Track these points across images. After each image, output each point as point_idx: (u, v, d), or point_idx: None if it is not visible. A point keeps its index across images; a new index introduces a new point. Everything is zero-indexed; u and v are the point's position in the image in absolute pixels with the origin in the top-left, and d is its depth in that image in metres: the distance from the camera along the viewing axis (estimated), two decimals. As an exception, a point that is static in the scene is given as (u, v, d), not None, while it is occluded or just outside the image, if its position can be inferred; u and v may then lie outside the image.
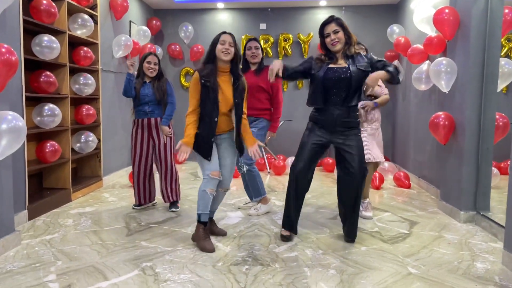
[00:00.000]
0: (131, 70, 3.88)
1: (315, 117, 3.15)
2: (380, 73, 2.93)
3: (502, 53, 4.64)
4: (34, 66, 4.04)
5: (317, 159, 3.16)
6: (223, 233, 3.30)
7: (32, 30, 3.96)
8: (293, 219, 3.18)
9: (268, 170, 6.11)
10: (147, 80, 3.94)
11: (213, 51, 3.03)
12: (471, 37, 3.56)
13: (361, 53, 3.09)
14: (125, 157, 5.88)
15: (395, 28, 6.02)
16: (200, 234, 3.03)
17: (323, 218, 3.78)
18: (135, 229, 3.47)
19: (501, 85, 3.68)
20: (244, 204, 4.16)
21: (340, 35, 3.03)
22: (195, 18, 6.95)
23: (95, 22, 4.83)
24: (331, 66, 3.06)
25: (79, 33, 4.52)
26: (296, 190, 3.12)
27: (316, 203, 4.31)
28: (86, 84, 4.56)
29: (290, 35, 6.75)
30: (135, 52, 5.74)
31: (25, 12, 3.67)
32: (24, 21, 3.60)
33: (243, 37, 6.83)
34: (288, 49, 6.75)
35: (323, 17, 6.79)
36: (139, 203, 4.07)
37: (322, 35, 3.10)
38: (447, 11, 3.79)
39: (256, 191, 3.89)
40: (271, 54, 6.78)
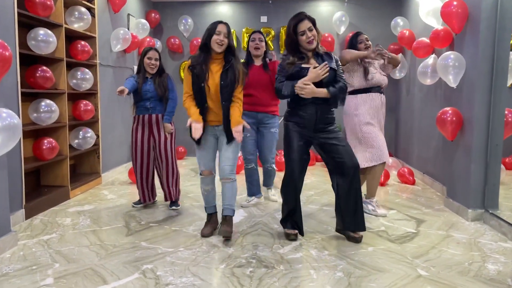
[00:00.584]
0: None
1: (295, 118, 3.04)
2: (322, 91, 2.92)
3: None
4: (30, 60, 3.92)
5: (307, 157, 3.11)
6: (226, 233, 3.18)
7: (27, 24, 3.84)
8: (299, 220, 3.12)
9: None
10: (148, 76, 3.83)
11: (208, 40, 3.02)
12: (480, 30, 3.45)
13: (328, 52, 3.10)
14: (124, 153, 5.78)
15: (399, 20, 5.90)
16: (206, 223, 3.32)
17: (327, 216, 3.69)
18: (135, 228, 3.38)
19: (511, 79, 3.59)
20: (248, 202, 4.11)
21: (314, 32, 2.98)
22: (195, 10, 6.82)
23: (93, 15, 4.70)
24: (304, 66, 2.99)
25: (76, 26, 4.40)
26: (295, 194, 3.08)
27: (320, 201, 4.22)
28: (83, 79, 4.45)
29: (292, 28, 6.61)
30: (133, 46, 5.62)
31: (20, 5, 3.54)
32: (19, 14, 3.48)
33: (243, 30, 6.70)
34: (290, 43, 6.62)
35: (325, 10, 6.61)
36: (144, 201, 3.98)
37: (295, 33, 2.96)
38: (455, 3, 3.67)
39: (271, 181, 4.26)
40: (272, 47, 6.66)
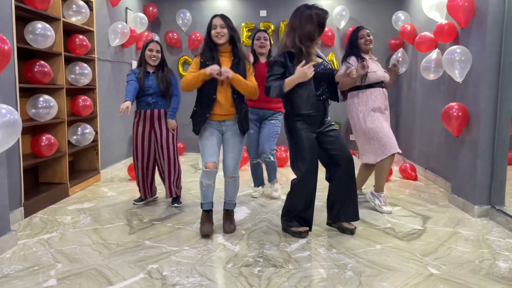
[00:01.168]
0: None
1: (303, 116, 2.99)
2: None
3: None
4: (28, 55, 3.83)
5: (317, 152, 3.08)
6: (229, 231, 3.16)
7: (24, 17, 3.74)
8: (310, 216, 3.09)
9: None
10: (150, 70, 3.74)
11: (208, 36, 3.08)
12: (487, 24, 3.40)
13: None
14: (123, 149, 5.69)
15: (401, 15, 5.84)
16: (202, 219, 3.20)
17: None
18: (138, 226, 3.31)
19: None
20: (256, 192, 4.21)
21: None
22: (193, 4, 6.71)
23: (90, 8, 4.60)
24: (314, 63, 2.98)
25: (74, 20, 4.30)
26: (313, 190, 3.05)
27: (323, 197, 4.15)
28: (82, 74, 4.36)
29: (292, 23, 6.53)
30: (132, 41, 5.52)
31: (17, -3, 3.45)
32: (16, 7, 3.38)
33: (243, 24, 6.61)
34: (290, 37, 6.54)
35: (326, 4, 6.59)
36: (144, 197, 3.91)
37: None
38: (462, -3, 3.62)
39: (273, 175, 4.18)
40: (272, 42, 6.56)
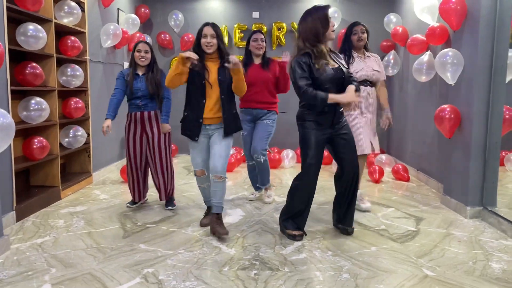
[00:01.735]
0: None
1: (312, 116, 3.00)
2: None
3: None
4: (19, 57, 3.78)
5: (322, 154, 3.09)
6: (223, 233, 3.12)
7: (15, 18, 3.69)
8: (305, 218, 3.12)
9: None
10: (139, 72, 3.72)
11: (198, 44, 3.12)
12: (479, 27, 3.44)
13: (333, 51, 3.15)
14: (115, 151, 5.65)
15: (392, 17, 5.88)
16: (204, 213, 3.52)
17: (327, 215, 3.64)
18: (132, 230, 3.29)
19: (508, 77, 3.58)
20: (252, 195, 4.21)
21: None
22: (186, 6, 6.69)
23: (82, 9, 4.56)
24: (330, 66, 2.96)
25: (66, 21, 4.26)
26: (312, 191, 3.06)
27: (317, 199, 4.17)
28: (74, 75, 4.32)
29: (284, 24, 6.55)
30: (124, 42, 5.48)
31: (8, -2, 3.41)
32: (8, 8, 3.34)
33: (235, 25, 6.60)
34: (282, 39, 6.56)
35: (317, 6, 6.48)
36: (138, 200, 3.88)
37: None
38: (454, 0, 3.65)
39: (266, 179, 4.06)
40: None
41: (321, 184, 4.85)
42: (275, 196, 4.24)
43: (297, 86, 2.92)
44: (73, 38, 4.33)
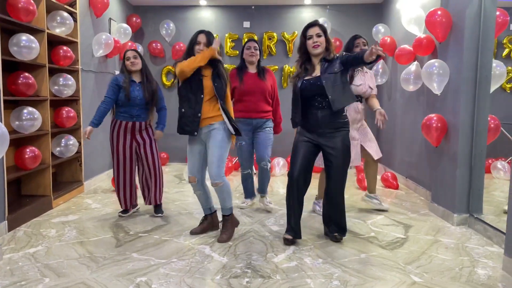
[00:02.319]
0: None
1: (302, 122, 3.19)
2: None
3: (503, 54, 4.68)
4: (11, 67, 3.80)
5: (312, 160, 3.18)
6: (221, 240, 3.21)
7: (7, 29, 3.72)
8: (296, 224, 3.17)
9: (254, 171, 6.00)
10: (136, 79, 3.76)
11: (191, 50, 3.22)
12: (464, 39, 3.54)
13: (337, 55, 3.18)
14: (106, 160, 5.66)
15: (380, 27, 6.00)
16: (200, 222, 3.51)
17: (317, 222, 3.71)
18: (124, 239, 3.31)
19: (493, 87, 3.69)
20: (244, 203, 4.24)
21: (322, 40, 3.10)
22: (177, 15, 6.76)
23: (75, 20, 4.60)
24: (306, 78, 3.12)
25: (58, 31, 4.29)
26: (297, 196, 3.12)
27: (308, 207, 4.22)
28: (66, 85, 4.35)
29: (275, 34, 6.64)
30: (115, 51, 5.52)
31: (1, 9, 3.43)
32: (1, 19, 3.37)
33: (226, 35, 6.68)
34: (273, 48, 6.65)
35: (307, 16, 6.70)
36: (126, 208, 3.90)
37: (304, 36, 3.14)
38: (439, 13, 3.76)
39: (266, 186, 4.14)
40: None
41: (311, 191, 4.90)
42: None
43: None
44: (65, 48, 4.36)
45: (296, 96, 3.15)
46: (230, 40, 6.69)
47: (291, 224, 3.17)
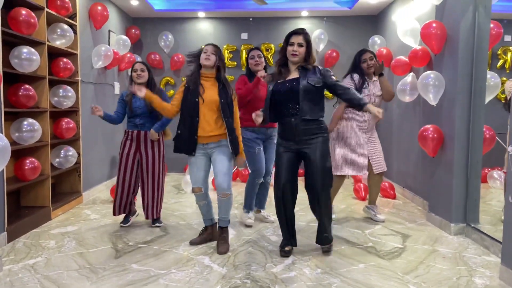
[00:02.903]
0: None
1: (279, 130, 3.25)
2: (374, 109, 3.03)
3: (498, 65, 4.75)
4: (12, 79, 3.83)
5: (295, 168, 3.21)
6: (221, 252, 3.24)
7: (8, 41, 3.76)
8: (290, 233, 3.21)
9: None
10: None
11: (197, 60, 3.30)
12: (459, 51, 3.61)
13: (318, 67, 3.18)
14: (105, 170, 5.67)
15: (377, 39, 6.08)
16: (199, 233, 3.54)
17: (315, 232, 3.71)
18: (123, 250, 3.32)
19: (487, 98, 3.74)
20: (250, 220, 4.13)
21: (302, 50, 3.12)
22: (176, 27, 6.83)
23: (75, 32, 4.64)
24: (280, 81, 3.17)
25: (58, 43, 4.33)
26: (284, 205, 3.16)
27: (305, 217, 4.25)
28: (65, 96, 4.38)
29: (272, 45, 6.71)
30: (114, 63, 5.56)
31: (3, 22, 3.47)
32: (2, 32, 3.41)
33: (224, 46, 6.74)
34: (270, 59, 6.71)
35: (305, 27, 6.78)
36: (114, 214, 3.90)
37: (287, 42, 3.15)
38: (434, 25, 3.83)
39: (265, 202, 4.13)
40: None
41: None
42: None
43: None
44: (65, 59, 4.40)
45: (267, 96, 3.20)
46: (228, 51, 6.76)
47: (286, 232, 3.21)
